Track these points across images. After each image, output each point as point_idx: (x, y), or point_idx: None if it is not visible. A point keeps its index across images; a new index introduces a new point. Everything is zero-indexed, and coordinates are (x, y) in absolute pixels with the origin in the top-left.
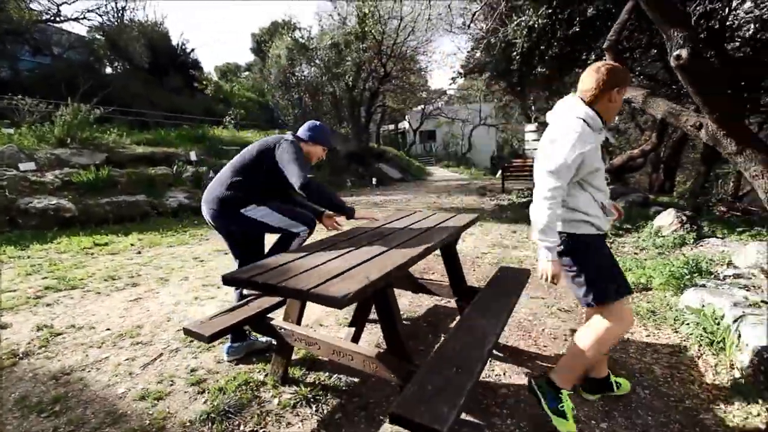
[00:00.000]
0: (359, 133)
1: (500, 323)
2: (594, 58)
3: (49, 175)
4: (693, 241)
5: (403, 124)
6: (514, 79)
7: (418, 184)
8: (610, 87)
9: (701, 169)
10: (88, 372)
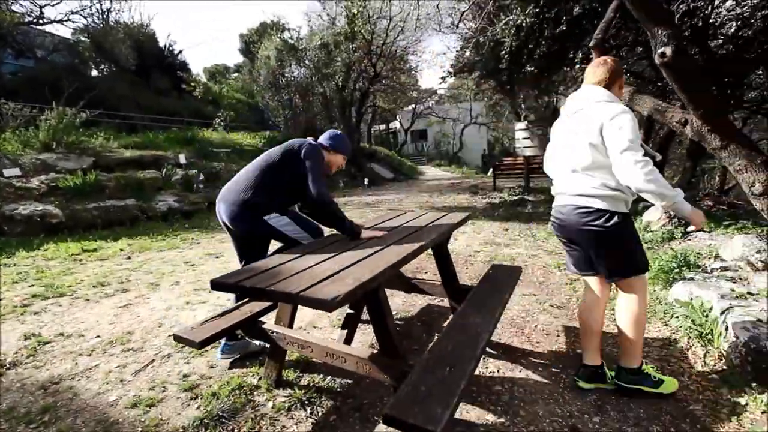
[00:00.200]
0: (350, 133)
1: (493, 321)
2: (581, 57)
3: (35, 181)
4: (681, 235)
5: (395, 124)
6: (504, 78)
7: (410, 183)
8: (619, 75)
9: (687, 164)
10: (78, 380)
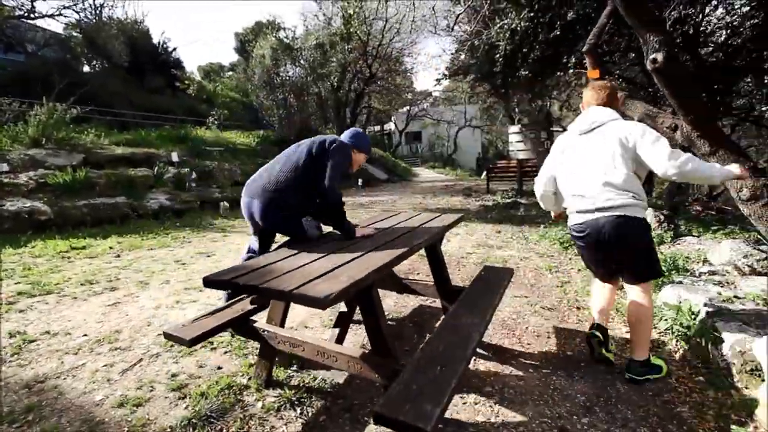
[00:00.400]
0: None
1: (484, 322)
2: (575, 61)
3: (23, 177)
4: (671, 239)
5: (389, 126)
6: (498, 81)
7: (404, 185)
8: (617, 95)
9: None
10: (64, 379)
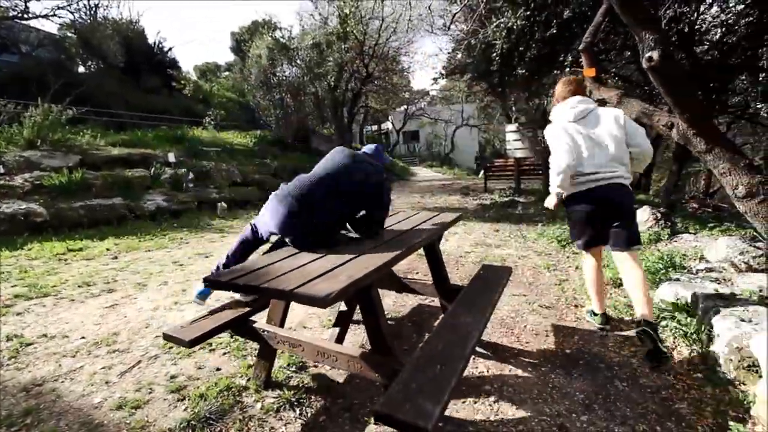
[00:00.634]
0: (342, 133)
1: (483, 321)
2: (571, 60)
3: (19, 179)
4: (667, 237)
5: (387, 125)
6: (495, 80)
7: (401, 184)
8: (584, 83)
9: (673, 167)
10: (62, 382)
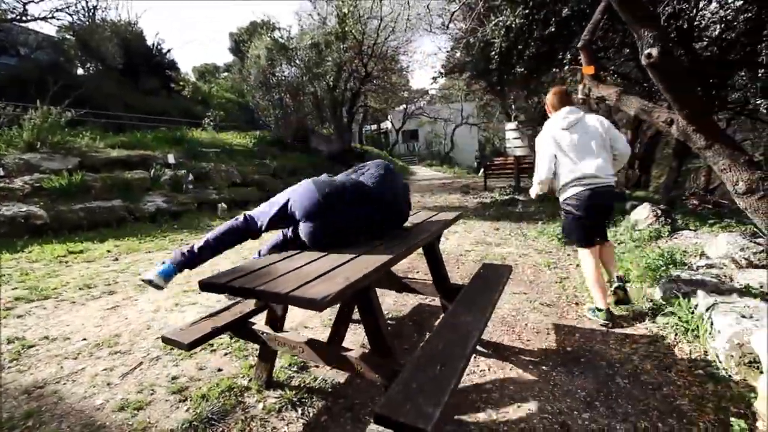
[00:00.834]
0: (341, 133)
1: (483, 319)
2: (570, 58)
3: (18, 181)
4: (668, 233)
5: (386, 124)
6: (494, 79)
7: None
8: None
9: (673, 164)
10: (63, 384)
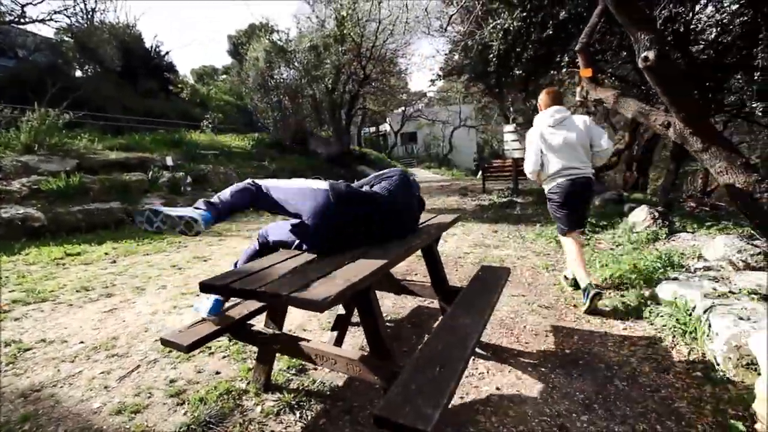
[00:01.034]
0: (340, 135)
1: (482, 322)
2: (567, 60)
3: (16, 183)
4: (665, 236)
5: (384, 126)
6: (492, 81)
7: None
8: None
9: (671, 166)
10: (60, 387)
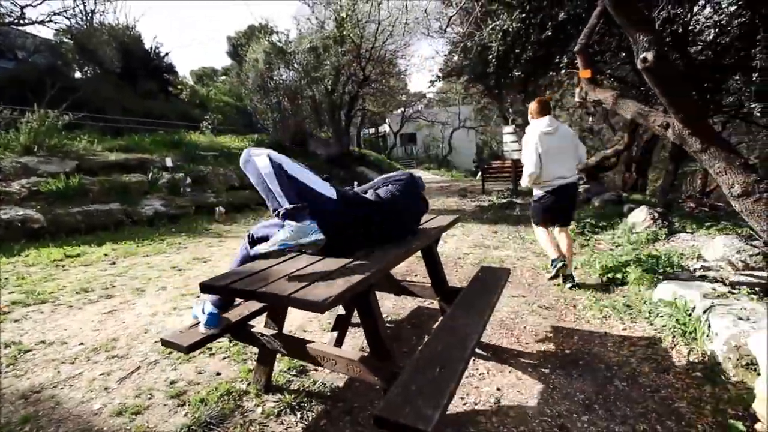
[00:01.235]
0: (340, 136)
1: (482, 322)
2: (566, 62)
3: (15, 185)
4: (665, 236)
5: (384, 128)
6: (491, 82)
7: None
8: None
9: (670, 167)
10: (61, 389)
